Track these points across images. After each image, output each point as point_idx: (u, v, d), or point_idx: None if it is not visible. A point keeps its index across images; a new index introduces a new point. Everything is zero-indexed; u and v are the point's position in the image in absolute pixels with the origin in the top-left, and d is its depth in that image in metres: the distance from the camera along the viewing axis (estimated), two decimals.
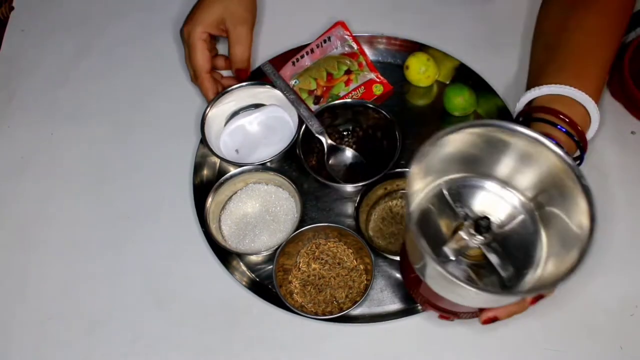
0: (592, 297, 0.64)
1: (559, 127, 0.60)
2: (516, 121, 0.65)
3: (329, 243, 0.69)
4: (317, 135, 0.71)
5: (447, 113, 0.75)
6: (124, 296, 0.69)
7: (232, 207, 0.71)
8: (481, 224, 0.50)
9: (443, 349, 0.63)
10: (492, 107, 0.76)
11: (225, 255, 0.69)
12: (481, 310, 0.55)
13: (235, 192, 0.72)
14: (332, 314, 0.64)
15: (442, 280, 0.50)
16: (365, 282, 0.66)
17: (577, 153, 0.62)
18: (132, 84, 0.83)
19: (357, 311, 0.66)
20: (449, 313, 0.58)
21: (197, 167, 0.75)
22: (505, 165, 0.54)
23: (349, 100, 0.74)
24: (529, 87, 0.65)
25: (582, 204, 0.49)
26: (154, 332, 0.67)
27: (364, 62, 0.78)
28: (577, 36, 0.66)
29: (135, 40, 0.86)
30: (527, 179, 0.54)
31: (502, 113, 0.75)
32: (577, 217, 0.49)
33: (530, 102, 0.64)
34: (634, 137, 0.73)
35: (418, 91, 0.78)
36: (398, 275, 0.68)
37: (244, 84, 0.75)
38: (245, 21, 0.75)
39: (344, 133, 0.75)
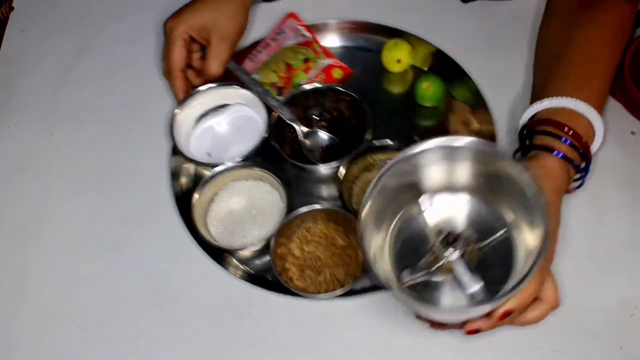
0: (592, 297, 0.64)
1: (563, 139, 0.60)
2: (520, 134, 0.65)
3: (318, 225, 0.70)
4: (289, 122, 0.73)
5: (414, 88, 0.77)
6: (124, 296, 0.69)
7: (216, 208, 0.72)
8: (448, 240, 0.52)
9: (442, 349, 0.63)
10: (467, 95, 0.77)
11: (220, 255, 0.70)
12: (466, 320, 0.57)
13: (217, 193, 0.72)
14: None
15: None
16: (361, 255, 0.67)
17: (583, 165, 0.62)
18: (132, 84, 0.83)
19: (359, 285, 0.66)
20: (437, 323, 0.59)
21: (174, 174, 0.75)
22: (447, 176, 0.56)
23: (314, 85, 0.75)
24: (533, 99, 0.65)
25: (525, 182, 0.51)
26: (154, 332, 0.67)
27: (319, 49, 0.80)
28: (580, 48, 0.66)
29: (135, 40, 0.86)
30: (471, 179, 0.56)
31: (477, 97, 0.76)
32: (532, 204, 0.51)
33: (534, 115, 0.64)
34: (634, 137, 0.73)
35: (388, 75, 0.80)
36: None
37: (212, 85, 0.75)
38: (228, 38, 0.74)
39: (314, 118, 0.77)
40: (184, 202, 0.72)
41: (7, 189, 0.77)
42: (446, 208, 0.58)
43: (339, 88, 0.74)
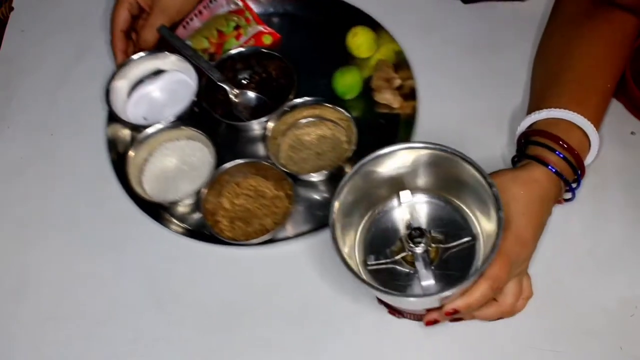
0: (592, 297, 0.64)
1: (556, 152, 0.60)
2: (518, 144, 0.66)
3: (247, 179, 0.73)
4: (219, 83, 0.76)
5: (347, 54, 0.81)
6: (124, 296, 0.69)
7: (151, 167, 0.75)
8: (413, 234, 0.55)
9: (440, 348, 0.63)
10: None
11: (158, 214, 0.73)
12: (427, 311, 0.59)
13: (151, 154, 0.75)
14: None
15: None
16: (288, 205, 0.70)
17: (574, 177, 0.62)
18: None
19: (288, 232, 0.70)
20: (395, 310, 0.62)
21: (111, 142, 0.78)
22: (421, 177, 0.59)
23: (242, 48, 0.79)
24: (530, 110, 0.66)
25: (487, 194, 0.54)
26: (154, 332, 0.66)
27: (250, 17, 0.84)
28: (581, 64, 0.66)
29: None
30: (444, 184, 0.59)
31: (400, 56, 0.80)
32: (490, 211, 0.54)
33: (531, 125, 0.65)
34: (633, 137, 0.73)
35: (317, 37, 0.84)
36: (315, 197, 0.73)
37: (144, 53, 0.79)
38: (168, 12, 0.79)
39: (243, 80, 0.80)
40: (119, 174, 0.75)
41: (7, 189, 0.77)
42: (423, 207, 0.61)
43: (264, 50, 0.79)
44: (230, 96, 0.77)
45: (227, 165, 0.71)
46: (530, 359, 0.62)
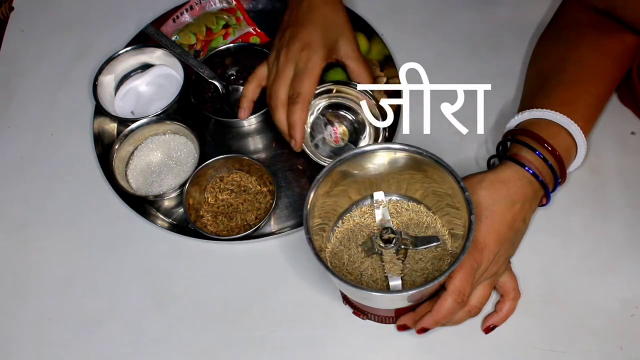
0: (592, 297, 0.64)
1: (537, 152, 0.60)
2: (503, 139, 0.65)
3: (232, 175, 0.74)
4: (209, 80, 0.77)
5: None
6: (124, 296, 0.69)
7: (136, 160, 0.76)
8: (384, 234, 0.56)
9: (442, 349, 0.63)
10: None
11: (145, 209, 0.73)
12: (396, 316, 0.61)
13: (136, 147, 0.76)
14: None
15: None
16: (270, 201, 0.71)
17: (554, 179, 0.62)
18: None
19: (268, 228, 0.71)
20: (360, 311, 0.63)
21: (96, 137, 0.78)
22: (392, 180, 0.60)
23: (231, 44, 0.80)
24: (520, 108, 0.66)
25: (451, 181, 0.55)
26: (154, 332, 0.66)
27: (241, 17, 0.84)
28: (573, 67, 0.66)
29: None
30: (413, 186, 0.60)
31: (387, 57, 0.81)
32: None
33: (517, 125, 0.65)
34: (634, 137, 0.73)
35: None
36: (298, 191, 0.74)
37: (128, 48, 0.80)
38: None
39: (232, 78, 0.81)
40: (107, 173, 0.75)
41: (7, 189, 0.77)
42: (396, 209, 0.61)
43: (253, 46, 0.80)
44: (221, 92, 0.77)
45: (212, 160, 0.71)
46: (530, 359, 0.62)
